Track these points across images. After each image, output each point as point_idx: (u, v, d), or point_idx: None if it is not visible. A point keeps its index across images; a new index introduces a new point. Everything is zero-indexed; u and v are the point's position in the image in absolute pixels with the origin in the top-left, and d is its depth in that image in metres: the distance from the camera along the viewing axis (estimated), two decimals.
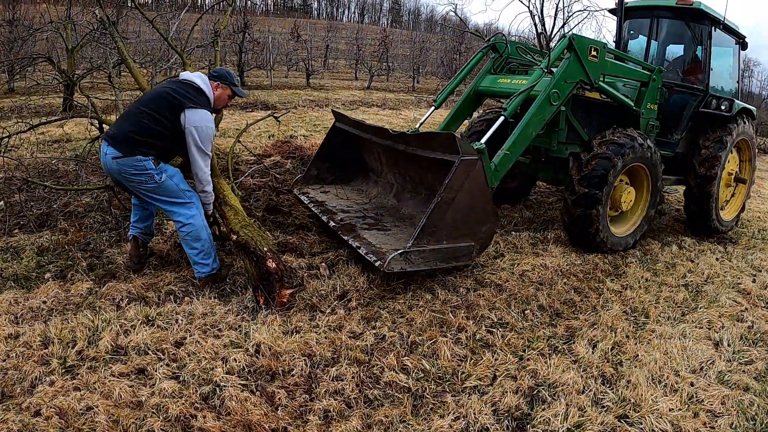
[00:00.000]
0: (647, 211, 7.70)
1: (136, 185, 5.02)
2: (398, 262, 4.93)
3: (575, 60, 6.74)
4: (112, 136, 4.97)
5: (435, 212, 5.05)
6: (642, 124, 7.85)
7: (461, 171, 5.11)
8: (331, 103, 21.06)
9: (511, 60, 8.24)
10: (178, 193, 5.12)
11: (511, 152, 6.30)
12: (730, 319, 5.68)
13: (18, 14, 20.99)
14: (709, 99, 8.66)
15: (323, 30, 49.93)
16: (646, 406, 4.01)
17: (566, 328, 5.14)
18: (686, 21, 8.70)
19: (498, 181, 6.18)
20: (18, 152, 9.31)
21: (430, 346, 4.51)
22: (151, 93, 5.21)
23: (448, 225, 5.21)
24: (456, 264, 5.56)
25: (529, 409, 3.90)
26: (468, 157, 5.18)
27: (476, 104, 8.42)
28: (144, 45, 21.87)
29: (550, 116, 6.72)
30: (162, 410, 3.50)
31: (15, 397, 3.57)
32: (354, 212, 6.65)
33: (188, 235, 5.15)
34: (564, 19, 18.39)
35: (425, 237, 5.07)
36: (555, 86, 6.60)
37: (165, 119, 4.96)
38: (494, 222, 5.68)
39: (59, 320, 4.46)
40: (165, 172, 5.04)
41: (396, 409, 3.73)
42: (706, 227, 8.74)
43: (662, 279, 6.65)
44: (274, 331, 4.46)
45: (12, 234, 6.20)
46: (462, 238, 5.36)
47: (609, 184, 6.86)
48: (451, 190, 5.09)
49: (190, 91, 5.10)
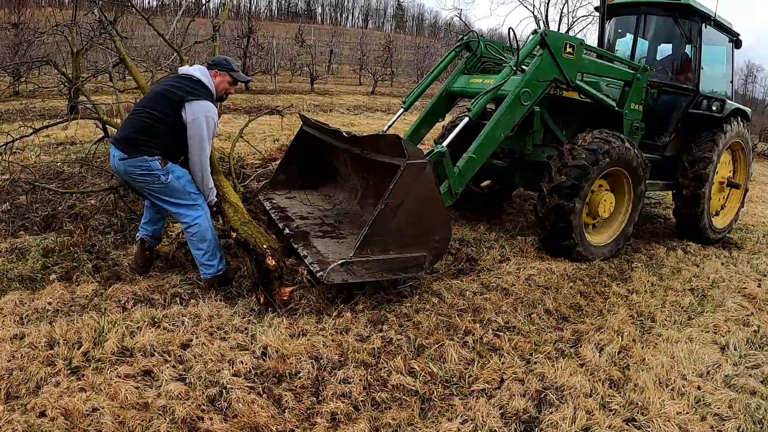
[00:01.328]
0: (629, 218, 7.34)
1: (143, 186, 5.02)
2: (339, 273, 4.67)
3: (549, 57, 6.43)
4: (119, 139, 4.99)
5: (379, 220, 4.76)
6: (625, 126, 7.52)
7: (407, 176, 4.78)
8: (336, 108, 21.08)
9: (486, 59, 7.96)
10: (184, 195, 5.11)
11: (477, 155, 6.04)
12: (737, 324, 5.67)
13: (23, 17, 21.02)
14: (699, 99, 8.36)
15: (327, 35, 50.00)
16: (653, 409, 4.00)
17: (573, 332, 5.12)
18: (675, 17, 8.34)
19: (463, 186, 5.95)
20: (23, 154, 9.34)
21: (437, 350, 4.49)
22: (152, 92, 5.20)
23: (394, 234, 4.89)
24: (406, 275, 5.24)
25: (537, 412, 3.88)
26: (415, 160, 4.83)
27: (449, 106, 8.13)
28: (148, 49, 21.90)
29: (521, 117, 6.42)
30: (168, 412, 3.48)
31: (20, 398, 3.56)
32: (313, 219, 6.40)
33: (194, 236, 5.15)
34: (569, 24, 18.40)
35: (369, 246, 4.79)
36: (526, 85, 6.31)
37: (167, 117, 4.94)
38: (448, 230, 5.27)
39: (65, 321, 4.44)
40: (172, 173, 5.03)
41: (403, 412, 3.71)
42: (697, 234, 8.51)
43: (668, 283, 6.63)
44: (280, 334, 4.44)
45: (17, 235, 6.20)
46: (411, 247, 5.03)
47: (582, 195, 6.52)
48: (396, 196, 4.78)
49: (190, 84, 5.07)
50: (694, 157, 8.18)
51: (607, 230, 7.35)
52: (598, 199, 6.93)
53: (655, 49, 9.16)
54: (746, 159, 9.26)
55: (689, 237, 8.61)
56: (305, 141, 7.14)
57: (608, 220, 7.29)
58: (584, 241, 6.82)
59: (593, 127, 7.12)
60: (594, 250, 6.96)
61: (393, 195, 4.76)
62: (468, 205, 8.71)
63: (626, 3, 8.83)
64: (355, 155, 6.05)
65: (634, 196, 7.27)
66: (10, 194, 7.30)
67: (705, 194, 8.15)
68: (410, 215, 4.91)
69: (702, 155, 8.12)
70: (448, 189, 5.84)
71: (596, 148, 6.57)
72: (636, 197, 7.28)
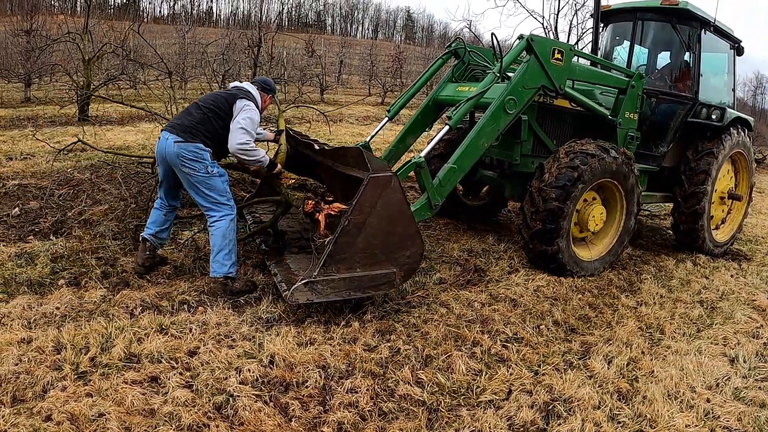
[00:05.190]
0: (621, 232, 7.07)
1: (189, 172, 5.20)
2: (303, 293, 4.57)
3: (536, 63, 6.22)
4: (176, 126, 5.31)
5: (343, 237, 4.65)
6: (620, 135, 7.23)
7: (371, 190, 4.66)
8: (345, 118, 21.10)
9: (474, 67, 7.76)
10: (221, 193, 5.31)
11: (458, 166, 5.85)
12: (746, 336, 5.64)
13: (36, 24, 21.14)
14: (698, 108, 8.11)
15: (337, 45, 50.08)
16: (662, 422, 3.97)
17: (581, 344, 5.09)
18: (672, 23, 8.08)
19: (443, 197, 5.76)
20: (33, 160, 9.37)
21: (444, 360, 4.48)
22: (209, 95, 5.66)
23: (360, 251, 4.76)
24: (376, 293, 5.05)
25: (545, 424, 3.86)
26: (380, 173, 4.71)
27: (436, 115, 7.97)
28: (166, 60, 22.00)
29: (506, 126, 6.19)
30: (175, 419, 3.48)
31: (26, 401, 3.56)
32: (291, 233, 6.31)
33: (218, 229, 5.26)
34: (578, 35, 18.36)
35: (333, 265, 4.66)
36: (511, 92, 6.09)
37: (224, 113, 5.39)
38: (420, 245, 5.09)
39: (72, 326, 4.45)
40: (216, 168, 5.30)
41: (411, 423, 3.69)
42: (697, 250, 8.34)
43: (677, 295, 6.60)
44: (288, 342, 4.44)
45: (27, 240, 6.21)
46: (380, 264, 4.88)
47: (566, 215, 6.28)
48: (360, 211, 4.66)
49: (243, 92, 5.58)
50: (692, 171, 8.00)
51: (596, 245, 7.12)
52: (587, 212, 6.73)
53: (655, 57, 8.99)
54: (748, 170, 9.04)
55: (689, 252, 8.45)
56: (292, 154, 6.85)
57: (597, 234, 7.09)
58: (574, 258, 6.66)
59: (587, 136, 6.94)
60: (585, 266, 6.78)
61: (357, 210, 4.65)
62: (461, 215, 8.67)
63: (622, 9, 8.63)
64: (331, 168, 5.91)
65: (626, 210, 7.03)
66: (21, 199, 7.32)
67: (704, 209, 7.98)
68: (377, 231, 4.79)
69: (700, 169, 7.93)
70: (427, 201, 5.66)
71: (576, 165, 6.31)
72: (628, 211, 7.03)
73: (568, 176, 6.25)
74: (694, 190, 7.94)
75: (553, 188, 6.26)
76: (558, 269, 6.53)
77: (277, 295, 5.28)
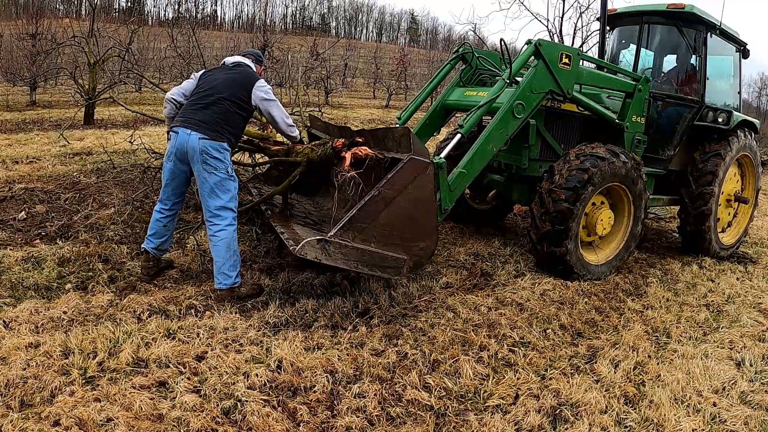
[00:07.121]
0: (628, 237, 7.05)
1: (210, 170, 5.14)
2: (313, 249, 4.49)
3: (543, 68, 6.24)
4: (198, 123, 5.19)
5: (369, 206, 4.61)
6: (627, 139, 7.26)
7: (408, 170, 4.69)
8: (350, 121, 21.13)
9: (481, 71, 7.78)
10: (232, 199, 5.27)
11: (468, 170, 5.87)
12: (752, 339, 5.61)
13: (41, 28, 21.23)
14: (705, 111, 8.14)
15: (342, 48, 50.19)
16: (669, 426, 3.96)
17: (588, 348, 5.08)
18: (678, 27, 8.10)
19: (452, 203, 5.75)
20: (40, 164, 9.41)
21: (452, 365, 4.47)
22: (219, 81, 5.43)
23: (380, 226, 4.71)
24: (380, 275, 4.97)
25: (552, 428, 3.85)
26: (420, 157, 4.76)
27: (444, 120, 7.97)
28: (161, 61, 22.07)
29: (515, 130, 6.22)
30: (183, 424, 3.48)
31: (34, 406, 3.56)
32: (297, 212, 6.27)
33: (221, 240, 5.18)
34: (583, 38, 18.31)
35: (352, 231, 4.60)
36: (519, 97, 6.11)
37: (243, 102, 5.38)
38: (434, 241, 5.11)
39: (80, 331, 4.46)
40: (233, 171, 5.37)
41: (418, 427, 3.69)
42: (703, 252, 8.33)
43: (683, 299, 6.59)
44: (295, 347, 4.44)
45: (33, 244, 6.23)
46: (394, 247, 4.83)
47: (575, 216, 6.27)
48: (392, 187, 4.64)
49: (247, 69, 5.64)
50: (700, 172, 8.00)
51: (603, 249, 7.11)
52: (595, 216, 6.71)
53: (661, 61, 8.98)
54: (755, 172, 9.04)
55: (694, 254, 8.44)
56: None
57: (605, 238, 7.07)
58: (582, 261, 6.64)
59: (594, 140, 6.94)
60: (593, 269, 6.76)
61: (389, 184, 4.65)
62: (467, 219, 8.68)
63: (628, 12, 8.63)
64: None
65: (634, 214, 7.00)
66: (27, 203, 7.35)
67: (711, 210, 7.97)
68: (401, 212, 4.78)
69: (707, 170, 7.94)
70: (439, 204, 5.61)
71: (586, 168, 6.31)
72: (636, 215, 7.01)
73: (578, 178, 6.26)
74: (701, 190, 7.94)
75: (563, 190, 6.27)
76: (566, 271, 6.53)
77: (284, 300, 5.29)
